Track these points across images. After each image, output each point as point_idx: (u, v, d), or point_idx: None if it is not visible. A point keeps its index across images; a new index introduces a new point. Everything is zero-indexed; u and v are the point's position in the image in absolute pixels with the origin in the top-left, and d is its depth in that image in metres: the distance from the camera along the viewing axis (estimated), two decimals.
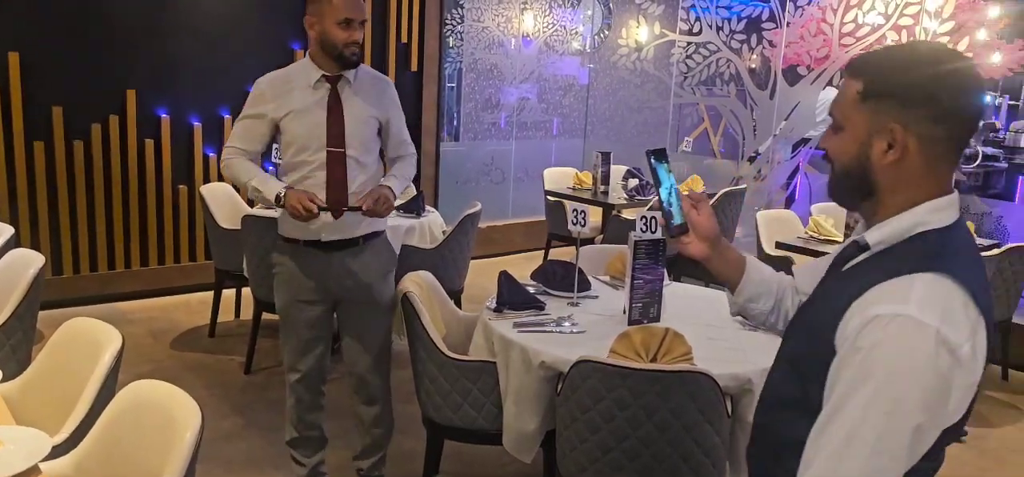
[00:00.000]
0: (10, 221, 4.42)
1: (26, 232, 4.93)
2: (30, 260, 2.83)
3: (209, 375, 4.27)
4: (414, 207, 4.54)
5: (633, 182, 5.77)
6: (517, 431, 2.63)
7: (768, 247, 4.69)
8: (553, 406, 2.53)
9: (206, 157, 5.55)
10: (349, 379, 3.08)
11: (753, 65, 6.57)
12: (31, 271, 2.77)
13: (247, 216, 4.16)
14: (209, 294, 4.87)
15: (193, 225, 5.57)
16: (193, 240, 5.59)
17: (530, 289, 3.02)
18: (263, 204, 2.92)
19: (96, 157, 5.13)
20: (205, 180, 5.44)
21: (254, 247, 4.11)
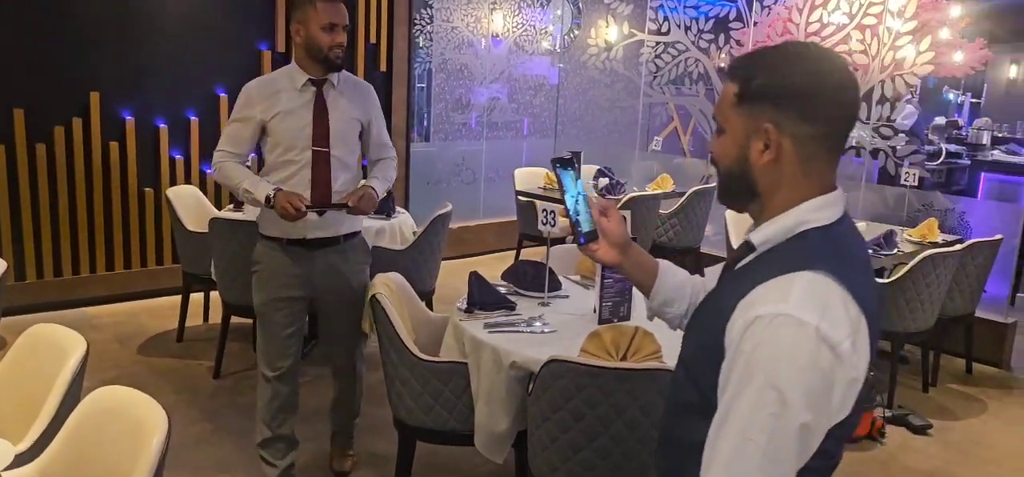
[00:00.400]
0: None
1: None
2: None
3: (177, 380, 4.22)
4: (384, 208, 4.52)
5: (604, 181, 5.80)
6: (489, 432, 2.63)
7: (737, 244, 4.73)
8: (524, 406, 2.53)
9: (172, 160, 5.48)
10: (330, 370, 3.26)
11: (721, 64, 6.63)
12: None
13: (215, 219, 4.12)
14: (176, 298, 4.81)
15: (160, 228, 5.50)
16: (160, 244, 5.52)
17: (501, 289, 3.02)
18: (253, 206, 3.02)
19: (59, 160, 5.05)
20: (172, 183, 5.38)
21: (222, 250, 4.07)
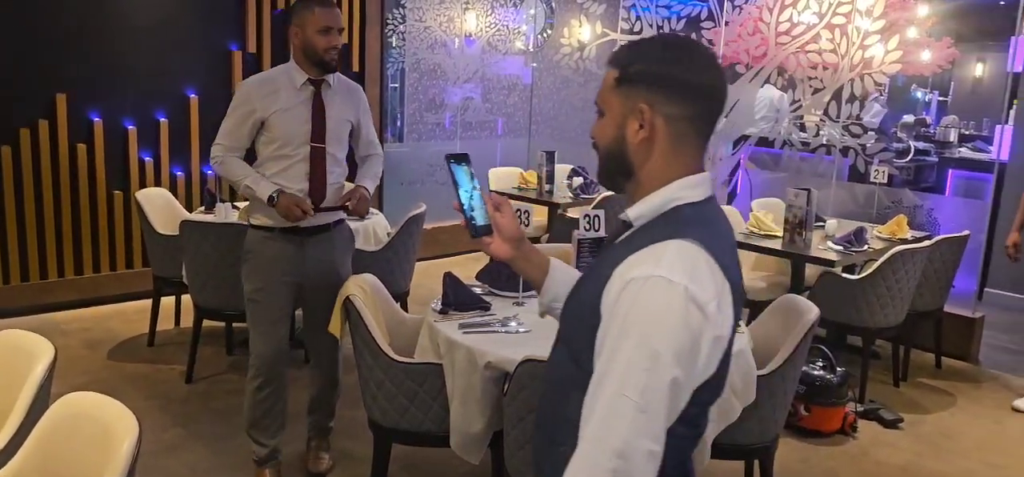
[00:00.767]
0: None
1: None
2: None
3: (149, 386, 4.17)
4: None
5: (578, 180, 5.81)
6: (464, 432, 2.62)
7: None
8: (500, 406, 2.53)
9: (142, 162, 5.41)
10: (310, 369, 3.40)
11: None
12: None
13: (185, 221, 4.07)
14: (147, 302, 4.74)
15: (129, 231, 5.42)
16: (129, 247, 5.45)
17: (476, 290, 3.02)
18: (253, 201, 3.14)
19: (25, 163, 4.96)
20: (141, 185, 5.31)
21: (193, 253, 4.03)
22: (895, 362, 4.63)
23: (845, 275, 4.42)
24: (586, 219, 2.77)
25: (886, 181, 5.60)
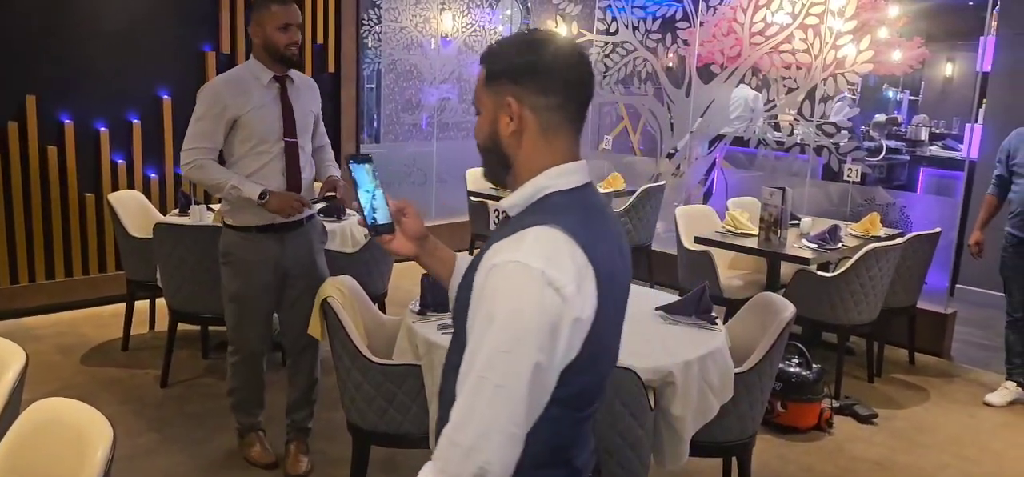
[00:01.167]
0: None
1: None
2: None
3: (123, 390, 4.12)
4: (334, 211, 4.47)
5: None
6: None
7: (687, 242, 4.79)
8: None
9: (114, 164, 5.35)
10: (288, 369, 3.42)
11: (669, 64, 6.71)
12: None
13: (159, 224, 4.03)
14: (121, 306, 4.68)
15: (102, 234, 5.36)
16: (102, 250, 5.38)
17: None
18: (236, 203, 3.11)
19: None
20: (114, 188, 5.24)
21: (168, 256, 3.99)
22: (869, 358, 4.69)
23: (820, 272, 4.46)
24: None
25: (859, 179, 5.67)
